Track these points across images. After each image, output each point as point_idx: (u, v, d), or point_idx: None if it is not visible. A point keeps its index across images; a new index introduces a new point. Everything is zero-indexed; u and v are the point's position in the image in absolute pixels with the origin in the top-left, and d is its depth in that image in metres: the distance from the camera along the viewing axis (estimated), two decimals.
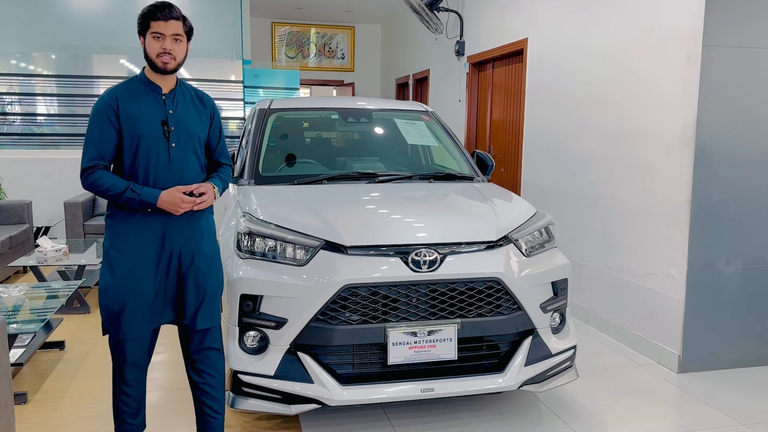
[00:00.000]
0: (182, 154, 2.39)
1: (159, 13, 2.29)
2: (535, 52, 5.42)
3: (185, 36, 2.37)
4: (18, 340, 3.45)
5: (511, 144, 6.15)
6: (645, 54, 3.95)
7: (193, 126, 2.43)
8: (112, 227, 2.39)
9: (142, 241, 2.36)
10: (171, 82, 2.42)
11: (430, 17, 7.15)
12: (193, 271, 2.42)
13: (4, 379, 2.30)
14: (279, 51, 10.96)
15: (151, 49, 2.32)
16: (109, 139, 2.32)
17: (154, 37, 2.31)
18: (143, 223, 2.35)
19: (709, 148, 3.55)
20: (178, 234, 2.39)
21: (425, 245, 2.72)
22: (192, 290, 2.43)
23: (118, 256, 2.36)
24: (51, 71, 7.57)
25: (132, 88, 2.38)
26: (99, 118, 2.32)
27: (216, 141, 2.57)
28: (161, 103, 2.38)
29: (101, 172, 2.32)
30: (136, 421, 2.58)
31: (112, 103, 2.32)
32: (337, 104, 4.40)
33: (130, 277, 2.35)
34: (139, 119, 2.33)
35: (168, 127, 2.36)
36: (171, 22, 2.30)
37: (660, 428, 3.06)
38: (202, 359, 2.52)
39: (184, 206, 2.31)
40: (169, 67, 2.34)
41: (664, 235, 3.80)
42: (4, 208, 5.85)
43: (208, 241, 2.49)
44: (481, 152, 4.00)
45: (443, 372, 2.77)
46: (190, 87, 2.54)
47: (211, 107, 2.55)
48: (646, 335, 3.97)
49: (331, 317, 2.62)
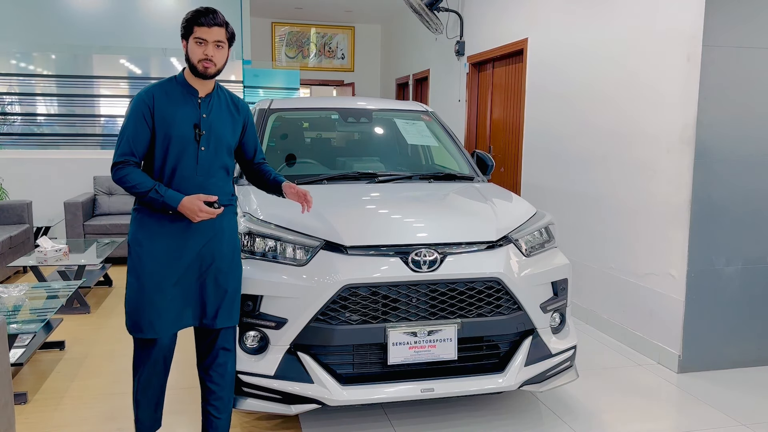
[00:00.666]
0: (210, 159, 2.41)
1: (203, 18, 2.31)
2: (535, 52, 5.42)
3: (227, 42, 2.39)
4: (18, 340, 3.45)
5: (511, 144, 6.15)
6: (645, 54, 3.96)
7: (224, 131, 2.46)
8: (137, 221, 2.43)
9: (164, 236, 2.39)
10: (209, 87, 2.45)
11: (430, 17, 7.15)
12: (214, 270, 2.44)
13: (4, 379, 2.30)
14: (279, 51, 10.96)
15: (194, 54, 2.35)
16: (141, 137, 2.36)
17: (197, 43, 2.33)
18: (166, 220, 2.38)
19: (709, 148, 3.55)
20: (200, 233, 2.41)
21: (425, 245, 2.72)
22: (212, 290, 2.45)
23: (140, 250, 2.39)
24: (51, 71, 7.57)
25: (170, 89, 2.41)
26: (135, 115, 2.35)
27: (252, 146, 2.63)
28: (196, 107, 2.40)
29: (131, 169, 2.35)
30: (156, 414, 2.63)
31: (148, 101, 2.36)
32: (337, 104, 4.40)
33: (150, 273, 2.38)
34: (173, 120, 2.36)
35: (200, 130, 2.38)
36: (214, 29, 2.33)
37: (660, 428, 3.06)
38: (214, 358, 2.54)
39: (201, 216, 2.33)
40: (209, 72, 2.36)
41: (664, 235, 3.80)
42: (4, 208, 5.85)
43: (229, 240, 2.50)
44: (481, 152, 4.00)
45: (443, 372, 2.77)
46: (227, 91, 2.56)
47: (245, 112, 2.57)
48: (646, 335, 3.97)
49: (331, 317, 2.62)
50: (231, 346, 2.56)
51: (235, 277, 2.52)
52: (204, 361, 2.57)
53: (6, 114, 7.34)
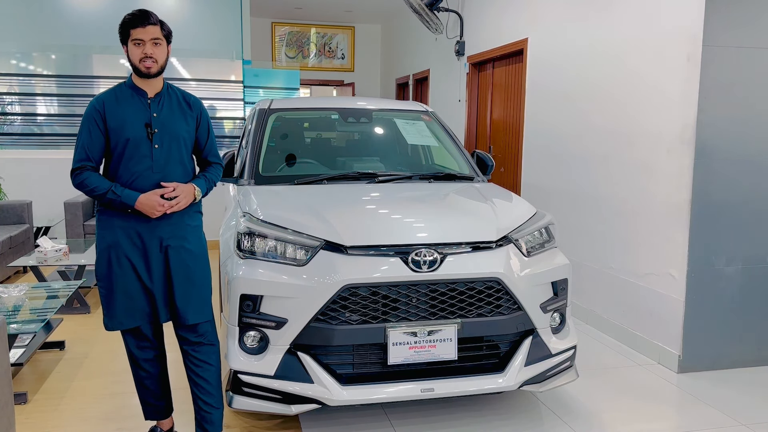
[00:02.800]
0: (165, 156, 2.48)
1: (137, 20, 2.40)
2: (535, 52, 5.42)
3: (164, 39, 2.47)
4: (18, 340, 3.45)
5: (511, 144, 6.15)
6: (645, 54, 3.96)
7: (177, 128, 2.51)
8: (100, 222, 2.52)
9: (126, 236, 2.46)
10: (156, 86, 2.52)
11: (430, 17, 7.15)
12: (180, 267, 2.51)
13: (4, 379, 2.30)
14: (279, 51, 10.96)
15: (134, 55, 2.43)
16: (96, 142, 2.45)
17: (135, 44, 2.42)
18: (127, 219, 2.46)
19: (709, 147, 3.55)
20: (162, 231, 2.48)
21: (425, 245, 2.72)
22: (180, 286, 2.51)
23: (105, 249, 2.48)
24: (51, 71, 7.57)
25: (119, 93, 2.49)
26: (87, 122, 2.45)
27: (204, 141, 2.65)
28: (146, 107, 2.48)
29: (88, 173, 2.44)
30: (160, 402, 2.75)
31: (99, 107, 2.45)
32: (337, 104, 4.40)
33: (117, 270, 2.47)
34: (124, 122, 2.43)
35: (151, 129, 2.45)
36: (149, 28, 2.41)
37: (660, 428, 3.06)
38: (195, 353, 2.60)
39: (160, 209, 2.41)
40: (152, 71, 2.44)
41: (664, 235, 3.80)
42: (4, 208, 5.85)
43: (193, 237, 2.56)
44: (481, 152, 4.00)
45: (443, 372, 2.77)
46: (178, 90, 2.62)
47: (198, 108, 2.62)
48: (646, 335, 3.97)
49: (331, 317, 2.62)
50: (210, 340, 2.62)
51: (202, 273, 2.58)
52: (186, 358, 2.63)
53: (6, 114, 7.34)
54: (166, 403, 2.79)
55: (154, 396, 2.73)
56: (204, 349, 2.60)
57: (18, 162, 6.77)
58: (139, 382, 2.71)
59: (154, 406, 2.75)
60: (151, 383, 2.71)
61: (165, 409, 2.78)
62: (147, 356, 2.67)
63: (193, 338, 2.58)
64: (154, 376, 2.70)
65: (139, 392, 2.74)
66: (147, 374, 2.69)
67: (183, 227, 2.53)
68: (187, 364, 2.63)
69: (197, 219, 2.62)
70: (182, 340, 2.61)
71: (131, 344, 2.64)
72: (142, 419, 2.90)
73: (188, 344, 2.60)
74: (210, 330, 2.62)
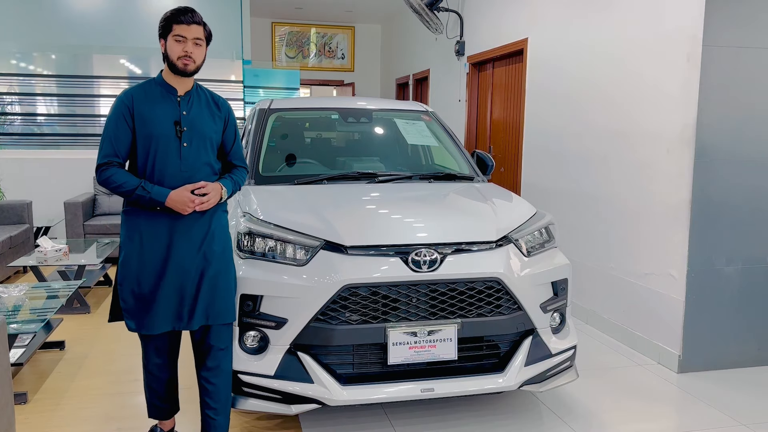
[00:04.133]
0: (193, 155, 2.43)
1: (182, 16, 2.36)
2: (535, 52, 5.42)
3: (205, 41, 2.44)
4: (18, 340, 3.45)
5: (511, 144, 6.15)
6: (645, 54, 3.96)
7: (205, 128, 2.48)
8: (127, 222, 2.46)
9: (153, 236, 2.41)
10: (187, 85, 2.48)
11: (430, 17, 7.15)
12: (206, 270, 2.45)
13: (4, 379, 2.30)
14: (279, 51, 10.96)
15: (173, 51, 2.38)
16: (123, 138, 2.39)
17: (176, 40, 2.37)
18: (155, 219, 2.40)
19: (709, 148, 3.55)
20: (191, 233, 2.43)
21: (425, 245, 2.71)
22: (205, 289, 2.46)
23: (131, 250, 2.43)
24: (51, 71, 7.57)
25: (149, 90, 2.45)
26: (115, 117, 2.40)
27: (230, 143, 2.61)
28: (176, 105, 2.44)
29: (114, 169, 2.38)
30: (165, 405, 2.71)
31: (128, 102, 2.40)
32: (337, 104, 4.40)
33: (143, 272, 2.41)
34: (152, 120, 2.39)
35: (180, 127, 2.41)
36: (193, 27, 2.38)
37: (660, 428, 3.06)
38: (209, 358, 2.55)
39: (192, 206, 2.35)
40: (188, 69, 2.40)
41: (664, 235, 3.80)
42: (4, 208, 5.85)
43: (220, 239, 2.51)
44: (481, 152, 4.00)
45: (443, 372, 2.76)
46: (207, 90, 2.59)
47: (226, 111, 2.59)
48: (646, 335, 3.97)
49: (331, 317, 2.62)
50: (225, 345, 2.57)
51: (228, 275, 2.53)
52: (200, 361, 2.58)
53: (6, 114, 7.34)
54: (171, 406, 2.76)
55: (160, 398, 2.70)
56: (220, 354, 2.55)
57: (18, 162, 6.77)
58: (147, 384, 2.67)
59: (159, 408, 2.73)
60: (159, 386, 2.67)
61: (169, 411, 2.76)
62: (161, 361, 2.62)
63: (209, 342, 2.53)
64: (163, 380, 2.66)
65: (146, 392, 2.70)
66: (157, 377, 2.65)
67: (210, 227, 2.48)
68: (200, 367, 2.58)
69: (224, 219, 2.58)
70: (197, 343, 2.56)
71: (149, 348, 2.59)
72: (142, 419, 2.90)
73: (203, 348, 2.54)
74: (227, 334, 2.58)
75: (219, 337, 2.54)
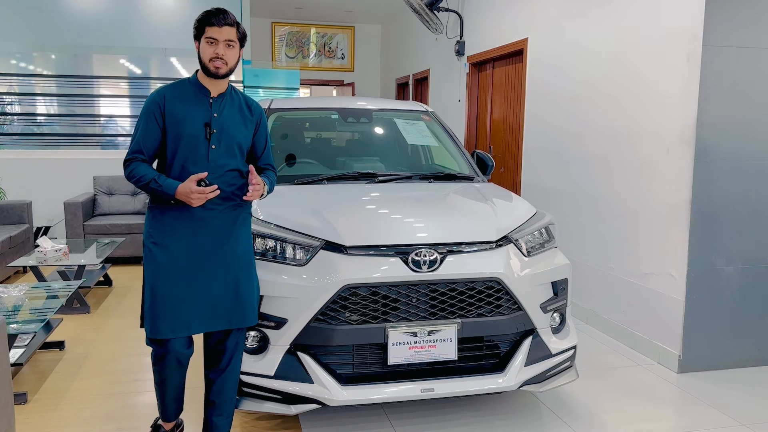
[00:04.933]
0: (221, 157, 2.42)
1: (214, 18, 2.36)
2: (535, 52, 5.42)
3: (238, 42, 2.43)
4: (18, 340, 3.45)
5: (511, 144, 6.15)
6: (645, 54, 3.95)
7: (235, 131, 2.47)
8: (151, 219, 2.46)
9: (177, 236, 2.40)
10: (221, 87, 2.47)
11: (430, 17, 7.15)
12: (228, 272, 2.44)
13: (4, 379, 2.30)
14: (279, 51, 10.96)
15: (205, 53, 2.38)
16: (152, 136, 2.40)
17: (208, 42, 2.37)
18: (180, 219, 2.40)
19: (709, 148, 3.55)
20: (214, 234, 2.43)
21: (425, 245, 2.71)
22: (227, 291, 2.44)
23: (154, 248, 2.41)
24: (51, 71, 7.57)
25: (182, 89, 2.45)
26: (146, 114, 2.41)
27: (261, 148, 2.61)
28: (207, 106, 2.43)
29: (137, 164, 2.40)
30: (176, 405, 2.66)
31: (159, 101, 2.40)
32: (337, 104, 4.40)
33: (164, 273, 2.39)
34: (183, 120, 2.39)
35: (210, 129, 2.41)
36: (225, 28, 2.37)
37: (660, 428, 3.06)
38: (223, 359, 2.53)
39: (194, 197, 2.31)
40: (220, 72, 2.39)
41: (664, 235, 3.80)
42: (4, 208, 5.85)
43: (243, 242, 2.51)
44: (481, 152, 4.00)
45: (443, 372, 2.76)
46: (241, 93, 2.58)
47: (259, 114, 2.58)
48: (646, 335, 3.97)
49: (331, 317, 2.62)
50: (240, 348, 2.57)
51: (249, 278, 2.52)
52: (212, 362, 2.56)
53: (6, 114, 7.34)
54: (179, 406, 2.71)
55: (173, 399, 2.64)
56: (233, 356, 2.54)
57: (18, 162, 6.77)
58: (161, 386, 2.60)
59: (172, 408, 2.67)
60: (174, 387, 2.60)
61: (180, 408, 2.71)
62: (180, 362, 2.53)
63: (225, 345, 2.51)
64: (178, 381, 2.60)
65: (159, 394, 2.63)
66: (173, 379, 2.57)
67: (233, 230, 2.46)
68: (210, 368, 2.56)
69: (247, 222, 2.57)
70: (216, 345, 2.53)
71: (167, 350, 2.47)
72: (142, 419, 2.90)
73: (218, 350, 2.52)
74: (243, 337, 2.57)
75: (237, 340, 2.53)
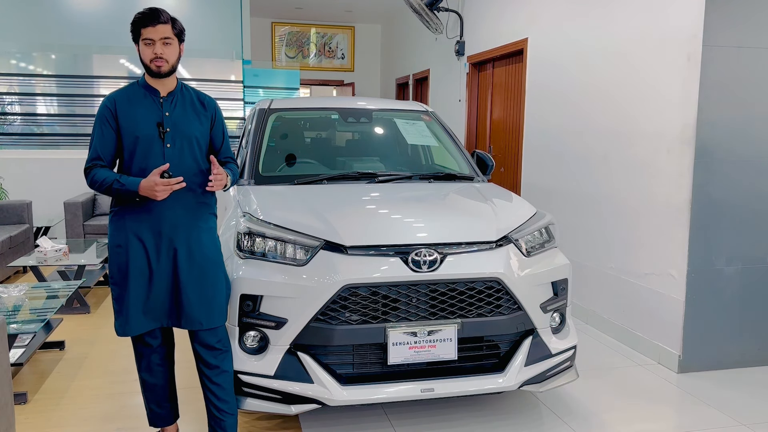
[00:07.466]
0: (177, 155, 2.44)
1: (146, 19, 2.37)
2: (535, 52, 5.42)
3: (176, 38, 2.43)
4: (18, 340, 3.45)
5: (511, 144, 6.15)
6: (645, 53, 3.95)
7: (190, 128, 2.48)
8: (112, 223, 2.49)
9: (137, 237, 2.42)
10: (169, 85, 2.48)
11: (430, 17, 7.15)
12: (194, 270, 2.46)
13: (4, 379, 2.30)
14: (279, 51, 10.96)
15: (144, 55, 2.41)
16: (107, 141, 2.43)
17: (146, 44, 2.39)
18: (139, 220, 2.42)
19: (709, 148, 3.55)
20: (175, 232, 2.44)
21: (425, 245, 2.71)
22: (192, 289, 2.46)
23: (118, 250, 2.45)
24: (51, 71, 7.57)
25: (131, 93, 2.47)
26: (99, 121, 2.44)
27: (219, 141, 2.62)
28: (158, 106, 2.45)
29: (97, 170, 2.42)
30: (161, 410, 2.71)
31: (110, 106, 2.44)
32: (337, 104, 4.40)
33: (129, 272, 2.43)
34: (135, 122, 2.41)
35: (163, 128, 2.42)
36: (159, 27, 2.37)
37: (660, 428, 3.06)
38: (207, 359, 2.55)
39: (159, 188, 2.32)
40: (162, 70, 2.41)
41: (664, 235, 3.80)
42: (4, 208, 5.85)
43: (207, 239, 2.52)
44: (481, 152, 4.00)
45: (443, 372, 2.76)
46: (192, 90, 2.59)
47: (212, 109, 2.59)
48: (646, 335, 3.97)
49: (331, 317, 2.62)
50: (224, 345, 2.57)
51: (217, 276, 2.53)
52: (199, 362, 2.58)
53: (6, 114, 7.34)
54: (170, 410, 2.75)
55: (156, 403, 2.70)
56: (221, 355, 2.56)
57: (18, 162, 6.78)
58: (143, 387, 2.68)
59: (156, 413, 2.72)
60: (155, 389, 2.67)
61: (168, 416, 2.75)
62: (154, 362, 2.63)
63: (206, 343, 2.53)
64: (158, 383, 2.66)
65: (144, 397, 2.70)
66: (152, 380, 2.65)
67: (197, 229, 2.48)
68: (201, 369, 2.58)
69: (211, 221, 2.58)
70: (194, 345, 2.56)
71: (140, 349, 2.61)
72: (142, 419, 2.89)
73: (201, 349, 2.54)
74: (224, 335, 2.58)
75: (217, 338, 2.54)
